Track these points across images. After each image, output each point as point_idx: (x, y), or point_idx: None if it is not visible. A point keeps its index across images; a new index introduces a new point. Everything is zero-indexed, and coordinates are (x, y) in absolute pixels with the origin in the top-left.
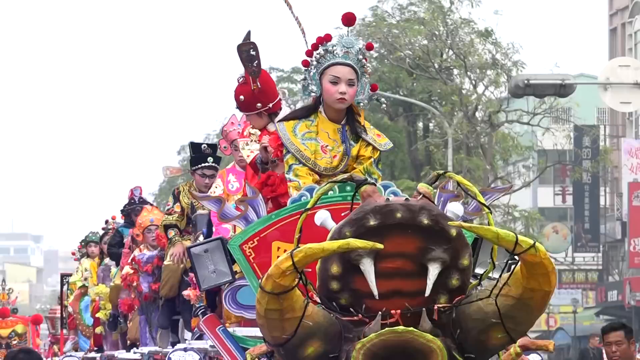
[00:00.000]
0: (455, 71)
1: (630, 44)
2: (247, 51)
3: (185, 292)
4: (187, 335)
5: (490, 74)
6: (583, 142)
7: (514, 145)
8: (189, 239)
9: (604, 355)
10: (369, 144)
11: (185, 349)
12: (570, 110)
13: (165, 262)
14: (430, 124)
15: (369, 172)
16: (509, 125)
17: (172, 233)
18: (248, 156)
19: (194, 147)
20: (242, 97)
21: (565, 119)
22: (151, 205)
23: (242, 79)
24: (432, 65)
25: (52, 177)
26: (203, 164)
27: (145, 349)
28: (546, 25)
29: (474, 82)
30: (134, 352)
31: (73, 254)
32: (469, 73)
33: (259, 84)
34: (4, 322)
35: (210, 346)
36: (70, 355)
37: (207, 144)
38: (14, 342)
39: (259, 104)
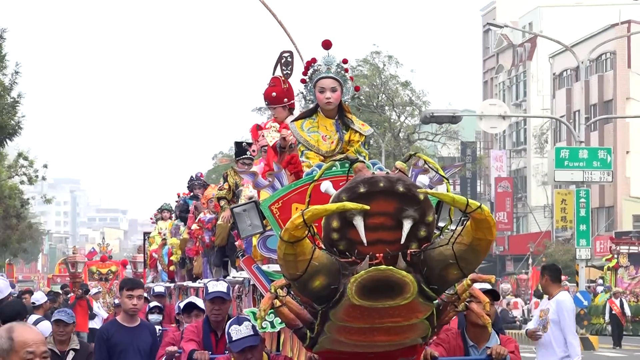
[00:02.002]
0: (387, 108)
1: (496, 91)
2: (286, 57)
3: (237, 242)
4: (233, 271)
5: (409, 109)
6: (466, 152)
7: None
8: None
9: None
10: (356, 131)
11: (217, 280)
12: (458, 132)
13: (218, 222)
14: (371, 141)
15: (358, 152)
16: (420, 142)
17: (222, 202)
18: (270, 141)
19: (237, 144)
20: (274, 93)
21: (455, 137)
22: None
23: (271, 82)
24: (372, 104)
25: (134, 169)
26: (243, 156)
27: (205, 280)
28: (444, 78)
29: (398, 114)
30: (198, 282)
31: (151, 219)
32: (395, 109)
33: (288, 84)
34: (104, 264)
35: (233, 276)
36: (158, 285)
37: (246, 142)
38: (110, 277)
39: (285, 99)
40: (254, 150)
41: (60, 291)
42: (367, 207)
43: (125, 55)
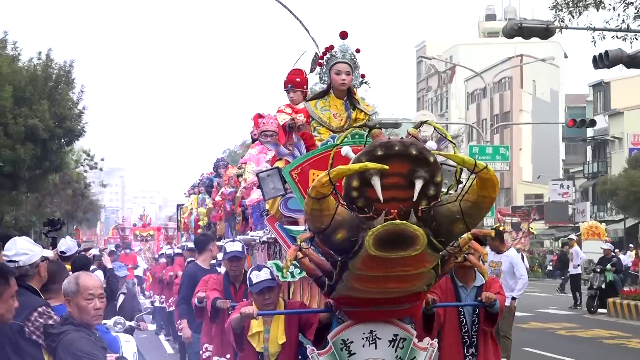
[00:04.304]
0: None
1: (426, 105)
2: (318, 59)
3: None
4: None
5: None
6: None
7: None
8: None
9: None
10: (362, 111)
11: (233, 240)
12: (399, 135)
13: (238, 194)
14: None
15: None
16: None
17: (241, 179)
18: (282, 121)
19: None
20: (298, 79)
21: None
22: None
23: (293, 71)
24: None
25: (166, 160)
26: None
27: (225, 240)
28: (388, 95)
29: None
30: (223, 241)
31: (185, 194)
32: None
33: (306, 76)
34: (144, 229)
35: (251, 235)
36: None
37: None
38: (149, 239)
39: (305, 86)
40: (255, 134)
41: (115, 249)
42: (387, 167)
43: (155, 73)
